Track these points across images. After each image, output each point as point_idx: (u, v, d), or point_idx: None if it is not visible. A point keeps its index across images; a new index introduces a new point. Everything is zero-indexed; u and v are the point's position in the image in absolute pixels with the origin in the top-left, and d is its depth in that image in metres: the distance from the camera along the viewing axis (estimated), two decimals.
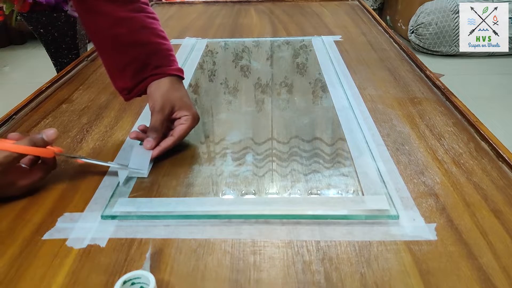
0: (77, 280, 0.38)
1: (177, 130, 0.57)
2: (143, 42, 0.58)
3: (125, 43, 0.57)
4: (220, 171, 0.54)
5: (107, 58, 0.60)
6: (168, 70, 0.59)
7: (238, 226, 0.44)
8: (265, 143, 0.60)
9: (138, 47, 0.58)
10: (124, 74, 0.59)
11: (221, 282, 0.38)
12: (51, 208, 0.48)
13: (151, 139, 0.55)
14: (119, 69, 0.59)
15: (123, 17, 0.57)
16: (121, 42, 0.57)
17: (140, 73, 0.58)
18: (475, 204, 0.47)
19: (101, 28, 0.57)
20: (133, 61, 0.58)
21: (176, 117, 0.58)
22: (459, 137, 0.60)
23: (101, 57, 0.61)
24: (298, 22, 1.24)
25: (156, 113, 0.56)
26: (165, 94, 0.57)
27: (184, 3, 1.53)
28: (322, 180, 0.52)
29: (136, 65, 0.58)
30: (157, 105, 0.56)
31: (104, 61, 0.61)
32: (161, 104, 0.56)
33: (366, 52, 0.96)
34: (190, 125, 0.58)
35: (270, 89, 0.79)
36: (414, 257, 0.40)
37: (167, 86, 0.58)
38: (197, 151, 0.59)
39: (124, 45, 0.58)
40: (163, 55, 0.60)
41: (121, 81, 0.60)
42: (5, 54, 2.82)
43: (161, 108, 0.56)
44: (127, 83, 0.59)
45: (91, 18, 0.58)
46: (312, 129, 0.64)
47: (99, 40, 0.59)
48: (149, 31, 0.59)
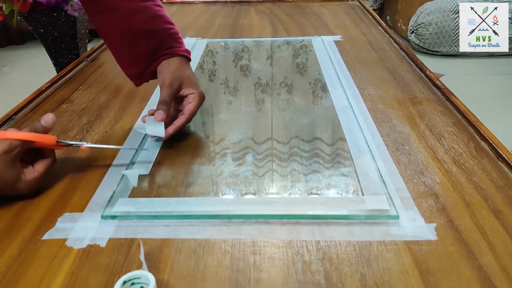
0: (77, 280, 0.38)
1: (187, 109, 0.60)
2: (155, 30, 0.62)
3: (139, 33, 0.61)
4: (220, 171, 0.54)
5: (120, 51, 0.64)
6: (178, 50, 0.63)
7: (238, 226, 0.44)
8: (265, 143, 0.60)
9: (151, 35, 0.61)
10: (137, 62, 0.62)
11: (221, 282, 0.38)
12: (50, 208, 0.48)
13: (161, 112, 0.57)
14: (133, 58, 0.63)
15: (135, 8, 0.60)
16: (134, 33, 0.61)
17: (153, 55, 0.62)
18: (475, 204, 0.47)
19: (114, 23, 0.61)
20: (147, 49, 0.61)
21: (183, 94, 0.61)
22: (459, 137, 0.60)
23: (112, 51, 0.64)
24: (298, 22, 1.24)
25: (166, 88, 0.59)
26: (175, 71, 0.61)
27: (184, 3, 1.53)
28: (322, 180, 0.52)
29: (149, 50, 0.61)
30: (167, 80, 0.60)
31: (115, 54, 0.64)
32: (171, 80, 0.60)
33: (366, 52, 0.96)
34: (198, 103, 0.61)
35: (270, 89, 0.79)
36: (414, 257, 0.40)
37: (177, 64, 0.62)
38: (197, 151, 0.59)
39: (138, 36, 0.61)
40: (173, 39, 0.64)
41: (134, 68, 0.63)
42: (5, 54, 2.82)
43: (170, 83, 0.59)
44: (140, 68, 0.63)
45: (105, 16, 0.61)
46: (312, 129, 0.64)
47: (112, 35, 0.62)
48: (159, 19, 0.63)
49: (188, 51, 0.64)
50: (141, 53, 0.62)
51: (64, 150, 0.57)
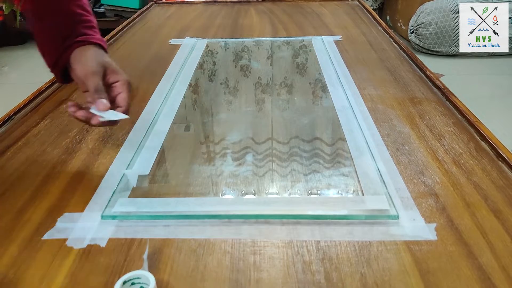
0: (77, 280, 0.38)
1: (121, 99, 0.54)
2: (63, 10, 0.58)
3: (45, 9, 0.57)
4: (220, 171, 0.54)
5: (35, 34, 0.59)
6: (92, 38, 0.57)
7: (238, 226, 0.44)
8: (265, 143, 0.60)
9: (57, 14, 0.58)
10: (49, 48, 0.57)
11: (221, 282, 0.38)
12: (50, 208, 0.48)
13: (103, 100, 0.51)
14: (44, 43, 0.58)
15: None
16: (41, 8, 0.57)
17: (64, 43, 0.56)
18: (475, 204, 0.47)
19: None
20: (55, 30, 0.57)
21: (109, 81, 0.55)
22: (459, 137, 0.60)
23: (34, 34, 0.60)
24: (298, 22, 1.24)
25: (92, 75, 0.53)
26: (94, 58, 0.55)
27: (184, 3, 1.53)
28: (322, 180, 0.52)
29: (57, 33, 0.56)
30: (90, 68, 0.53)
31: (36, 38, 0.60)
32: (95, 66, 0.54)
33: (366, 52, 0.96)
34: (129, 92, 0.55)
35: (270, 89, 0.79)
36: (414, 257, 0.40)
37: (94, 52, 0.56)
38: (197, 151, 0.59)
39: (44, 12, 0.57)
40: (86, 26, 0.59)
41: (47, 57, 0.58)
42: (4, 54, 2.82)
43: (96, 71, 0.53)
44: (52, 57, 0.57)
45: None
46: (312, 129, 0.64)
47: (27, 15, 0.59)
48: (72, 2, 0.59)
49: (103, 40, 0.59)
50: (50, 37, 0.57)
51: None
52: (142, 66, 0.91)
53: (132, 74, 0.86)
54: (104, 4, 2.96)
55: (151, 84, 0.72)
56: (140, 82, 0.82)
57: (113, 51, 1.01)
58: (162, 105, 0.71)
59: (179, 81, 0.81)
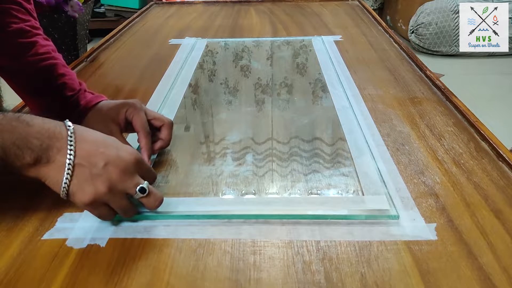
0: (77, 280, 0.38)
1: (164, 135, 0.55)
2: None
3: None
4: (220, 171, 0.54)
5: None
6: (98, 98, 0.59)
7: (238, 226, 0.44)
8: (265, 143, 0.60)
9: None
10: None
11: (221, 282, 0.38)
12: (50, 208, 0.47)
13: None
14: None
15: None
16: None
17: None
18: (475, 204, 0.47)
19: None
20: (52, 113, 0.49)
21: (154, 124, 0.55)
22: (459, 137, 0.60)
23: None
24: (298, 22, 1.24)
25: (139, 111, 0.54)
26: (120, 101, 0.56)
27: (184, 3, 1.53)
28: (322, 180, 0.52)
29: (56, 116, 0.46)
30: (132, 104, 0.54)
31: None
32: (134, 102, 0.55)
33: (366, 52, 0.96)
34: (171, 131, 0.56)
35: (270, 89, 0.79)
36: (414, 257, 0.40)
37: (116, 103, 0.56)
38: (197, 151, 0.59)
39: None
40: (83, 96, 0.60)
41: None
42: None
43: (139, 105, 0.55)
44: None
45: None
46: (312, 129, 0.64)
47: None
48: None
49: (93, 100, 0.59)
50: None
51: None
52: (142, 66, 0.91)
53: (132, 74, 0.86)
54: (104, 4, 2.96)
55: (151, 84, 0.72)
56: (140, 82, 0.82)
57: (113, 51, 1.01)
58: (162, 105, 0.71)
59: (179, 81, 0.81)
